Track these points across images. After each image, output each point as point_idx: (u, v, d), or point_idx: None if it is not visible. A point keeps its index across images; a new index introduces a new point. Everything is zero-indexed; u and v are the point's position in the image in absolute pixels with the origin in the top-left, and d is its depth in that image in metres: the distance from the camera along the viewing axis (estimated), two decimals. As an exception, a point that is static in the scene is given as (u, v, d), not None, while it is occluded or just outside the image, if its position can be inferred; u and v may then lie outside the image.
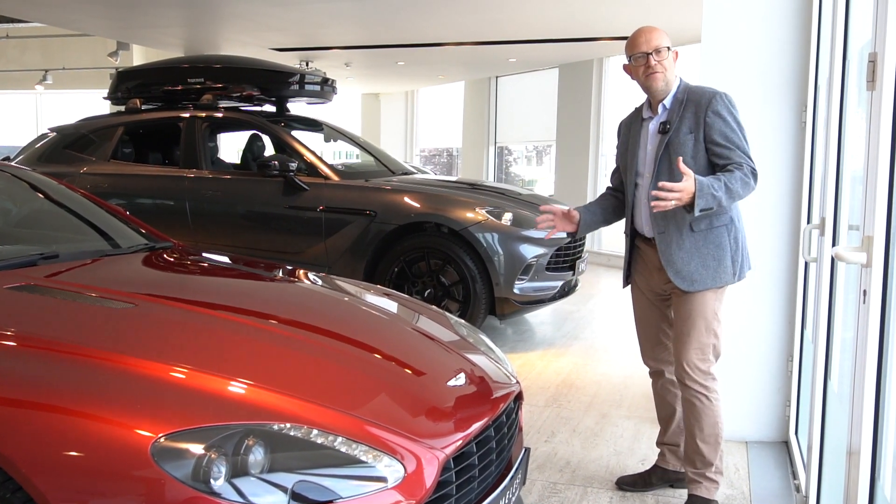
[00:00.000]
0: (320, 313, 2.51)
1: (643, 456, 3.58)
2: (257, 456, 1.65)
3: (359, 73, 13.25)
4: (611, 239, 11.32)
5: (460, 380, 2.19)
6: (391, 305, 2.84)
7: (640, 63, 2.83)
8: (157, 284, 2.52)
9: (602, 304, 7.53)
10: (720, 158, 2.73)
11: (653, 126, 2.90)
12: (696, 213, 2.61)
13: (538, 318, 6.70)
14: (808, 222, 3.50)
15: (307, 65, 11.14)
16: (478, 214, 5.42)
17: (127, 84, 6.88)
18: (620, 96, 10.99)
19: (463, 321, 2.92)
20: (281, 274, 3.04)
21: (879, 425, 1.84)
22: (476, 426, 2.04)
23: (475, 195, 5.77)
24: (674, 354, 2.92)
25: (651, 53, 2.80)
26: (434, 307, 2.99)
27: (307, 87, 6.82)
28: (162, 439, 1.59)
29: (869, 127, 1.90)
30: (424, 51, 10.38)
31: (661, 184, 2.61)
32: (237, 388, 1.80)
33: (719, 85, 3.56)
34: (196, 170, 6.16)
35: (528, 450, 2.44)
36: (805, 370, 3.55)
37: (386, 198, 5.67)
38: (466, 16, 8.29)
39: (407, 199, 5.62)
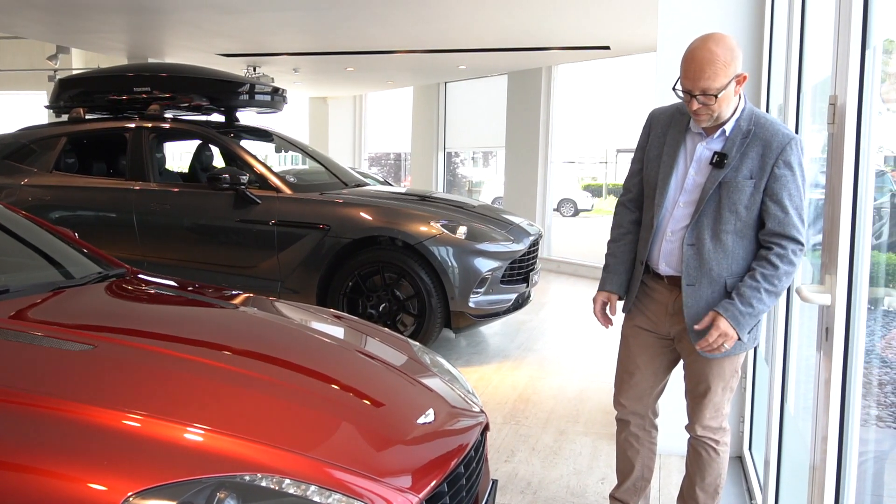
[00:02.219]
0: (284, 348, 2.46)
1: (602, 475, 3.62)
2: (229, 509, 1.61)
3: (307, 79, 13.13)
4: (559, 245, 11.45)
5: (429, 416, 2.18)
6: (355, 336, 2.81)
7: (686, 98, 2.38)
8: (116, 321, 2.43)
9: (554, 314, 7.59)
10: (771, 220, 2.34)
11: (704, 150, 2.45)
12: (745, 340, 2.38)
13: (491, 328, 6.72)
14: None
15: (254, 70, 10.99)
16: (433, 228, 5.41)
17: (69, 92, 6.68)
18: (571, 103, 11.13)
19: (426, 348, 2.91)
20: (240, 302, 2.98)
21: (843, 454, 1.89)
22: (448, 465, 2.03)
23: (430, 208, 5.76)
24: (687, 409, 2.67)
25: (696, 95, 2.32)
26: (397, 334, 2.97)
27: (257, 96, 6.72)
28: (132, 498, 1.53)
29: (830, 167, 1.95)
30: (374, 57, 10.34)
31: (700, 346, 2.37)
32: (204, 437, 1.75)
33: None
34: (143, 182, 6.02)
35: (495, 482, 2.44)
36: (758, 388, 3.64)
37: (340, 211, 5.62)
38: (417, 25, 8.27)
39: (361, 213, 5.58)
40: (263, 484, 1.68)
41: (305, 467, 1.75)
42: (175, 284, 3.00)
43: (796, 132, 2.75)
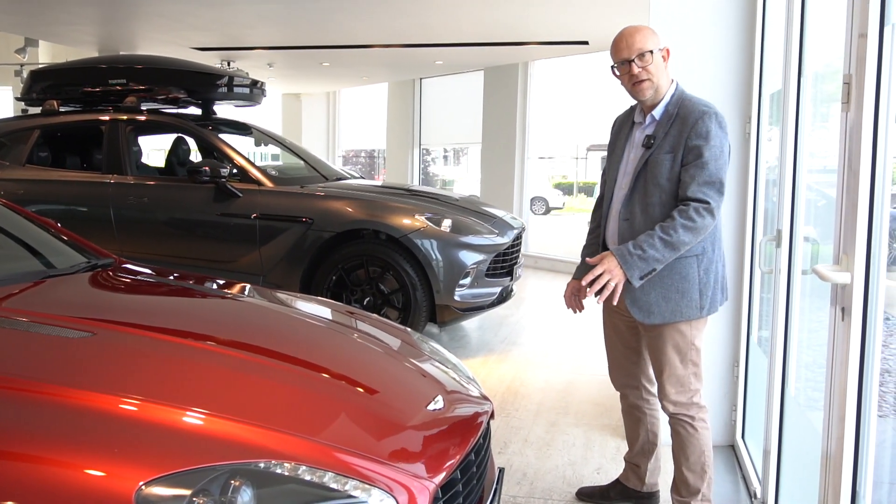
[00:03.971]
0: (291, 336, 2.40)
1: (597, 465, 3.60)
2: (244, 497, 1.55)
3: (281, 74, 12.99)
4: (537, 241, 11.45)
5: (438, 403, 2.13)
6: (358, 324, 2.74)
7: (624, 71, 2.59)
8: (112, 309, 2.36)
9: (535, 308, 7.58)
10: (680, 189, 2.54)
11: (639, 135, 2.70)
12: (637, 284, 2.50)
13: (473, 323, 6.69)
14: (753, 233, 3.59)
15: (228, 65, 10.84)
16: (417, 221, 5.36)
17: (42, 84, 6.52)
18: (546, 100, 11.14)
19: (423, 336, 2.86)
20: (237, 290, 2.91)
21: (861, 439, 1.88)
22: (461, 451, 1.98)
23: (414, 201, 5.71)
24: (657, 386, 2.79)
25: (633, 60, 2.55)
26: (396, 324, 2.92)
27: (236, 89, 6.62)
28: (145, 487, 1.47)
29: (845, 147, 1.94)
30: (351, 52, 10.25)
31: (584, 280, 2.54)
32: (216, 423, 1.69)
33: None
34: (120, 175, 5.89)
35: (502, 470, 2.40)
36: (751, 375, 3.64)
37: (323, 204, 5.55)
38: (397, 19, 8.21)
39: (345, 206, 5.52)
40: (278, 471, 1.62)
41: (320, 454, 1.70)
42: (167, 274, 2.92)
43: (797, 117, 2.75)
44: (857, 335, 1.84)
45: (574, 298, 2.88)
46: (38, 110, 6.41)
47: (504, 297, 5.81)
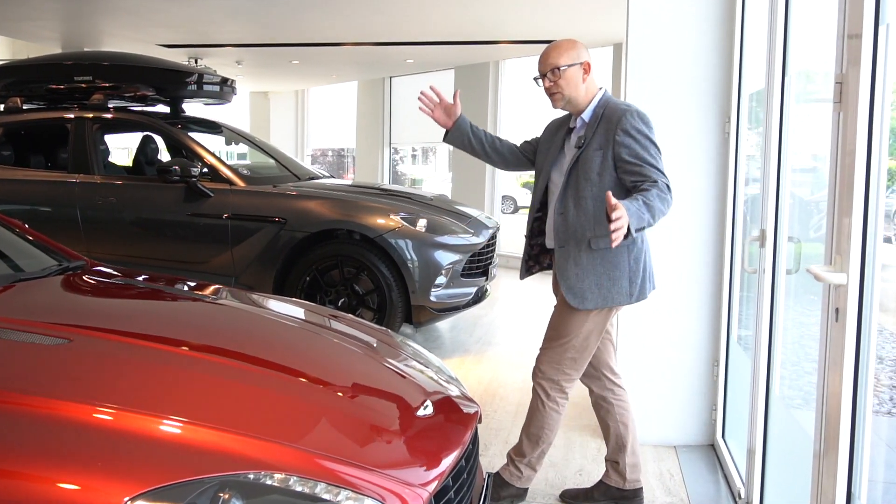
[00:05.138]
0: (272, 340, 2.33)
1: (578, 467, 3.58)
2: (234, 510, 1.49)
3: (250, 72, 12.82)
4: (510, 240, 11.44)
5: (428, 408, 2.08)
6: (340, 328, 2.68)
7: (542, 84, 2.84)
8: (87, 313, 2.27)
9: (508, 307, 7.56)
10: (632, 176, 2.69)
11: (573, 138, 2.88)
12: (634, 234, 2.52)
13: (447, 323, 6.65)
14: (733, 232, 3.59)
15: (196, 62, 10.67)
16: (392, 221, 5.31)
17: (4, 81, 6.33)
18: (517, 98, 11.12)
19: (406, 339, 2.82)
20: (214, 293, 2.83)
21: (856, 439, 1.87)
22: (452, 457, 1.94)
23: (388, 201, 5.64)
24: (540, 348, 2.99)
25: (546, 74, 2.80)
26: (377, 326, 2.86)
27: (206, 87, 6.49)
28: (131, 502, 1.40)
29: (837, 147, 1.93)
30: (321, 50, 10.13)
31: (614, 215, 2.44)
32: (203, 433, 1.63)
33: (644, 95, 3.63)
34: (87, 174, 5.75)
35: (490, 475, 2.36)
36: (731, 375, 3.65)
37: (296, 204, 5.46)
38: (368, 17, 8.12)
39: (319, 206, 5.44)
40: (268, 482, 1.57)
41: (310, 463, 1.65)
42: (140, 276, 2.83)
43: (781, 115, 2.75)
44: (852, 336, 1.83)
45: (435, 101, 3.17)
46: (0, 108, 6.23)
47: (479, 297, 5.77)
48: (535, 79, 2.87)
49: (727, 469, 3.46)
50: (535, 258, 3.06)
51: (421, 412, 2.05)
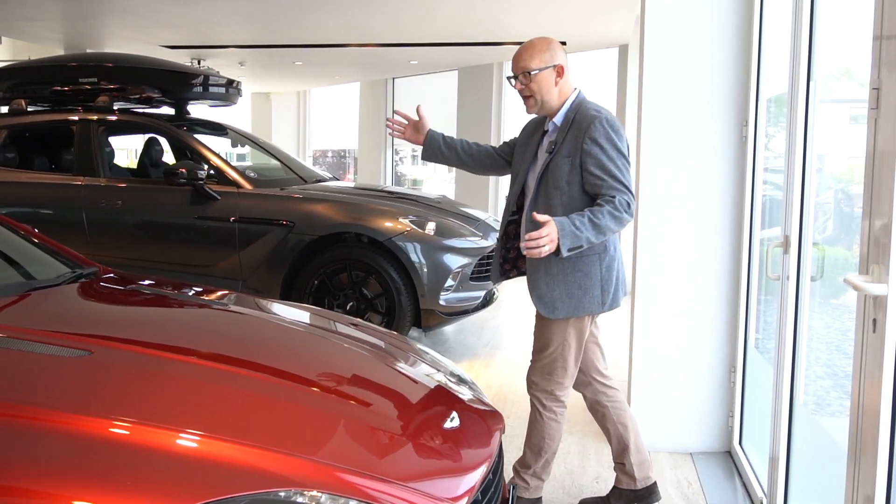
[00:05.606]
0: (297, 352, 2.29)
1: (595, 474, 3.54)
2: (265, 530, 1.45)
3: (251, 73, 12.78)
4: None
5: (454, 421, 2.04)
6: (363, 338, 2.62)
7: (514, 85, 2.77)
8: (107, 323, 2.22)
9: (516, 311, 7.51)
10: (593, 188, 2.65)
11: (546, 142, 2.82)
12: (565, 254, 2.52)
13: (454, 326, 6.60)
14: (751, 238, 3.55)
15: (199, 63, 10.63)
16: (401, 224, 5.26)
17: (8, 83, 6.28)
18: (520, 100, 11.08)
19: (423, 345, 2.78)
20: (234, 301, 2.78)
21: (895, 449, 1.83)
22: (482, 470, 1.90)
23: (396, 204, 5.60)
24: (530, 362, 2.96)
25: (518, 77, 2.73)
26: (393, 332, 2.82)
27: (211, 89, 6.44)
28: (162, 523, 1.36)
29: (874, 152, 1.89)
30: (325, 51, 10.10)
31: (528, 235, 2.51)
32: (231, 449, 1.58)
33: (659, 99, 3.59)
34: (92, 177, 5.70)
35: (515, 486, 2.32)
36: (748, 381, 3.61)
37: (304, 207, 5.42)
38: (372, 18, 8.09)
39: (327, 209, 5.39)
40: (300, 500, 1.52)
41: (341, 480, 1.60)
42: (157, 282, 2.78)
43: (806, 119, 2.71)
44: (891, 347, 1.79)
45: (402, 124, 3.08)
46: (4, 109, 6.18)
47: (488, 300, 5.73)
48: (509, 78, 2.81)
49: (746, 477, 3.42)
50: (513, 262, 3.01)
51: (448, 425, 2.01)
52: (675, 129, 3.61)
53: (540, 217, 2.52)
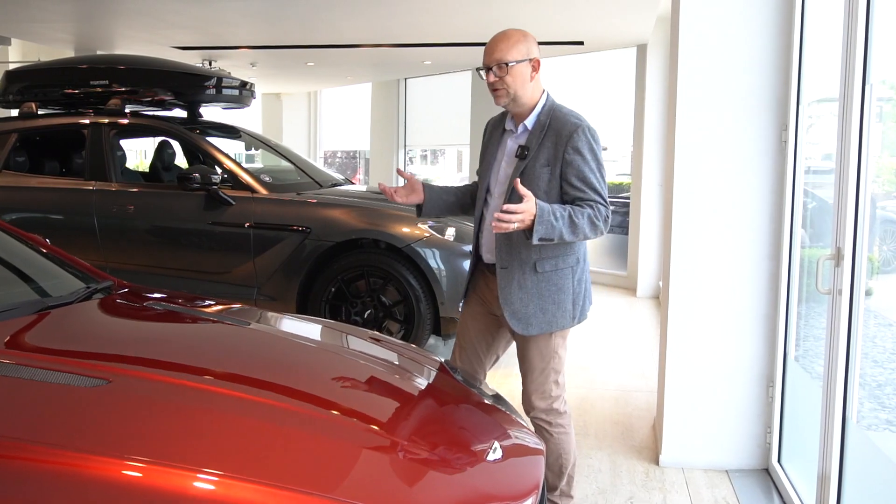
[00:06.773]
0: (332, 379, 2.13)
1: (629, 494, 3.39)
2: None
3: (262, 74, 12.65)
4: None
5: (497, 452, 1.90)
6: (399, 362, 2.46)
7: (485, 76, 2.56)
8: (125, 347, 2.08)
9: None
10: (572, 200, 2.54)
11: (512, 144, 2.66)
12: (535, 241, 2.40)
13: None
14: (791, 246, 3.40)
15: (210, 64, 10.51)
16: (420, 230, 5.13)
17: (18, 85, 6.17)
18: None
19: (458, 369, 2.64)
20: (262, 319, 2.64)
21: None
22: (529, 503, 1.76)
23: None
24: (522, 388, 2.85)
25: (492, 68, 2.53)
26: (429, 354, 2.67)
27: (225, 91, 6.32)
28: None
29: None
30: (337, 52, 9.96)
31: (504, 206, 2.37)
32: (265, 494, 1.44)
33: (694, 101, 3.45)
34: (104, 182, 5.58)
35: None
36: (788, 396, 3.46)
37: (321, 213, 5.29)
38: (386, 18, 7.95)
39: (344, 214, 5.26)
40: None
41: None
42: (176, 298, 2.65)
43: (861, 125, 2.56)
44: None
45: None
46: (14, 113, 6.08)
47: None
48: (479, 70, 2.61)
49: (786, 495, 3.27)
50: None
51: (491, 457, 1.87)
52: (708, 133, 3.46)
53: (522, 189, 2.37)
